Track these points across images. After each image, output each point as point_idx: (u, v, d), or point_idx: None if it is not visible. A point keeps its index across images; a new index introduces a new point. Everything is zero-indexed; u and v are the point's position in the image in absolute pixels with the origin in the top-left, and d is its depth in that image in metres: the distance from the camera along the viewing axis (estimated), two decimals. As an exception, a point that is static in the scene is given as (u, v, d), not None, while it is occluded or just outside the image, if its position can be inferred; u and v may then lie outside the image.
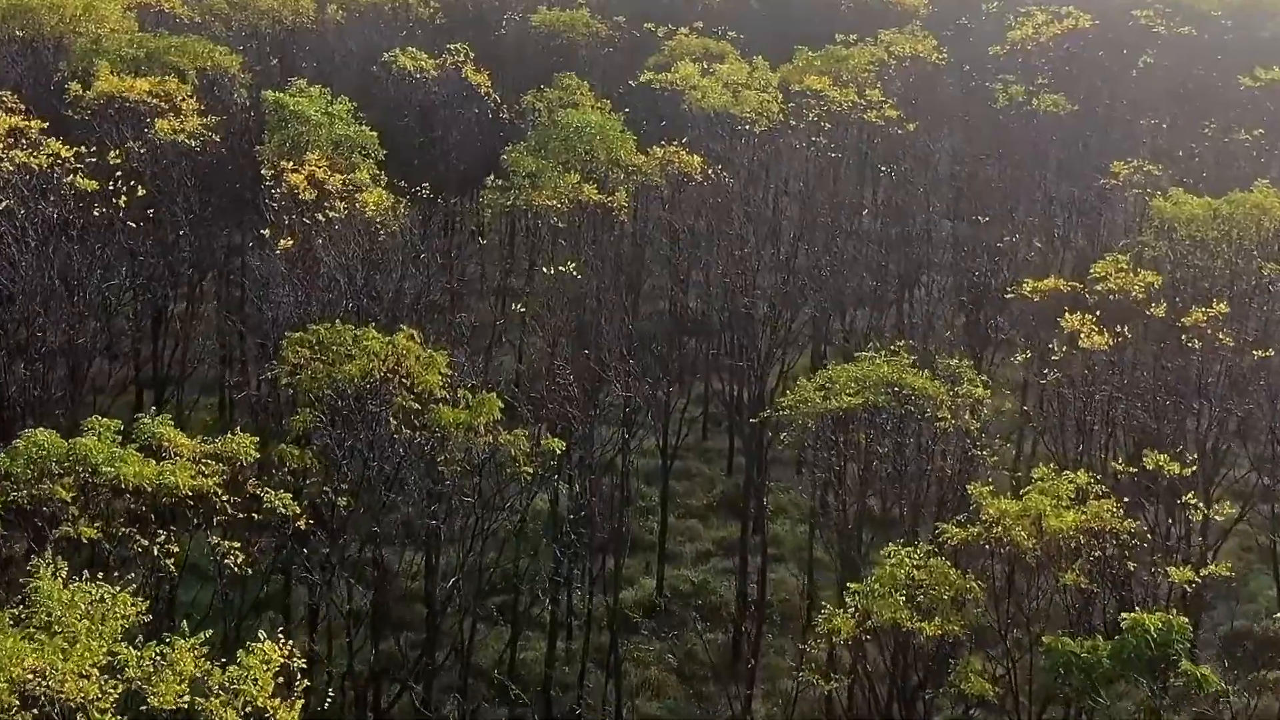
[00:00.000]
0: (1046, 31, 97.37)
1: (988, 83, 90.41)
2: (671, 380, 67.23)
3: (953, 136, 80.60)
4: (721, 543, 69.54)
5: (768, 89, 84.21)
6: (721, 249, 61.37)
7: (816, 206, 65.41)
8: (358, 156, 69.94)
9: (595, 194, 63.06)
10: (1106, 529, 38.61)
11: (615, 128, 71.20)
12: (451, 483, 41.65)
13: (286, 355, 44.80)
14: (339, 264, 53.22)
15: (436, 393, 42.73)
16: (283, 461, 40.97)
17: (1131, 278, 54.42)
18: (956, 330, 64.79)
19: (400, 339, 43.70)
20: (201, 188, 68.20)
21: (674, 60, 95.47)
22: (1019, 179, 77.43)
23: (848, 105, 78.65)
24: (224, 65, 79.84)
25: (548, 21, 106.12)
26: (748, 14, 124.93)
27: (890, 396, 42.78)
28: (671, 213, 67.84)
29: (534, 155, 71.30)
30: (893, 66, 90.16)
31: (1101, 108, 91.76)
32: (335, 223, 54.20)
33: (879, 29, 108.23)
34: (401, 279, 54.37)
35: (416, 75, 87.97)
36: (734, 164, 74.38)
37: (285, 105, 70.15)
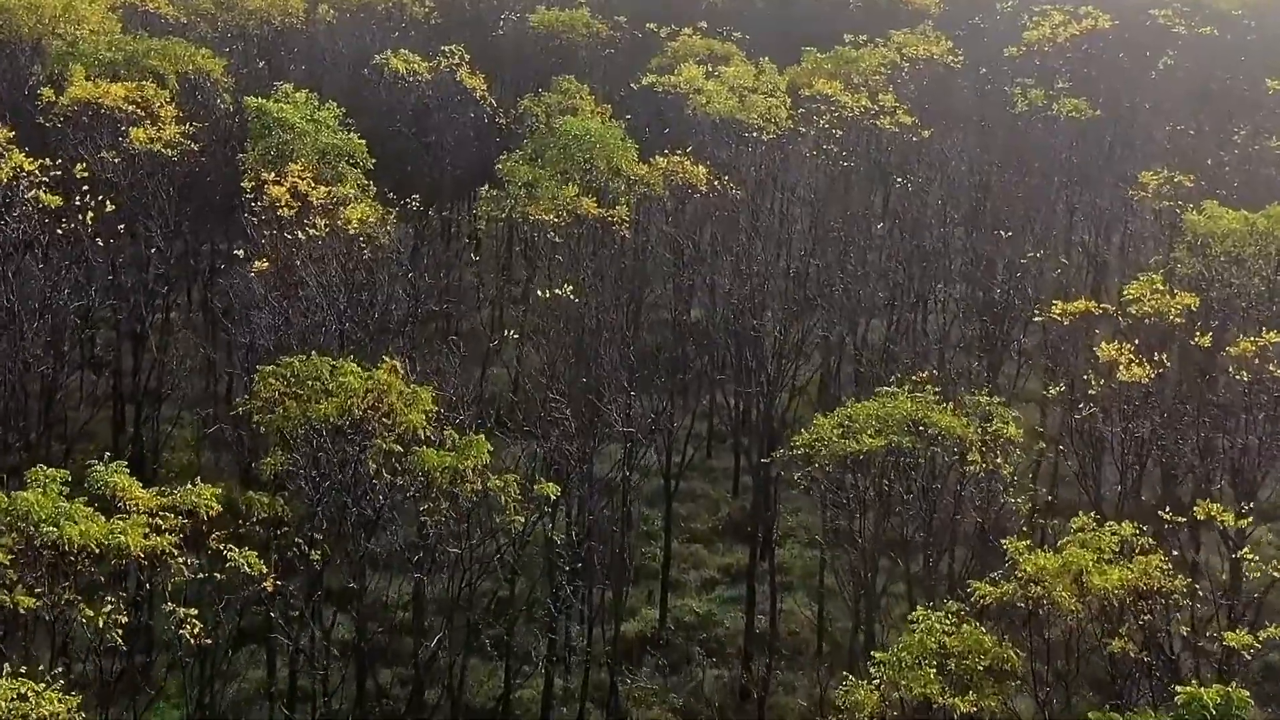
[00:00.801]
0: (1064, 32, 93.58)
1: (1005, 86, 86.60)
2: (675, 395, 64.52)
3: (968, 142, 76.82)
4: (727, 570, 66.04)
5: (775, 93, 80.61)
6: (728, 264, 57.67)
7: (827, 220, 61.62)
8: (345, 166, 66.60)
9: (594, 208, 59.47)
10: (1155, 588, 34.95)
11: (616, 136, 67.59)
12: (435, 534, 37.96)
13: (258, 390, 41.21)
14: (321, 285, 49.56)
15: (421, 433, 39.10)
16: (251, 511, 37.35)
17: (1167, 299, 50.76)
18: (973, 348, 61.02)
19: (382, 374, 40.09)
20: (180, 199, 64.67)
21: (677, 62, 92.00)
22: (1038, 187, 73.67)
23: (860, 110, 74.96)
24: (206, 69, 76.25)
25: (546, 21, 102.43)
26: (752, 13, 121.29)
27: (914, 436, 39.16)
28: (675, 226, 64.17)
29: (530, 164, 67.85)
30: (906, 69, 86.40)
31: (1122, 111, 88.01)
32: (317, 241, 50.42)
33: (889, 29, 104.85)
34: (388, 301, 50.75)
35: (409, 78, 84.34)
36: (740, 173, 70.74)
37: (268, 112, 66.60)
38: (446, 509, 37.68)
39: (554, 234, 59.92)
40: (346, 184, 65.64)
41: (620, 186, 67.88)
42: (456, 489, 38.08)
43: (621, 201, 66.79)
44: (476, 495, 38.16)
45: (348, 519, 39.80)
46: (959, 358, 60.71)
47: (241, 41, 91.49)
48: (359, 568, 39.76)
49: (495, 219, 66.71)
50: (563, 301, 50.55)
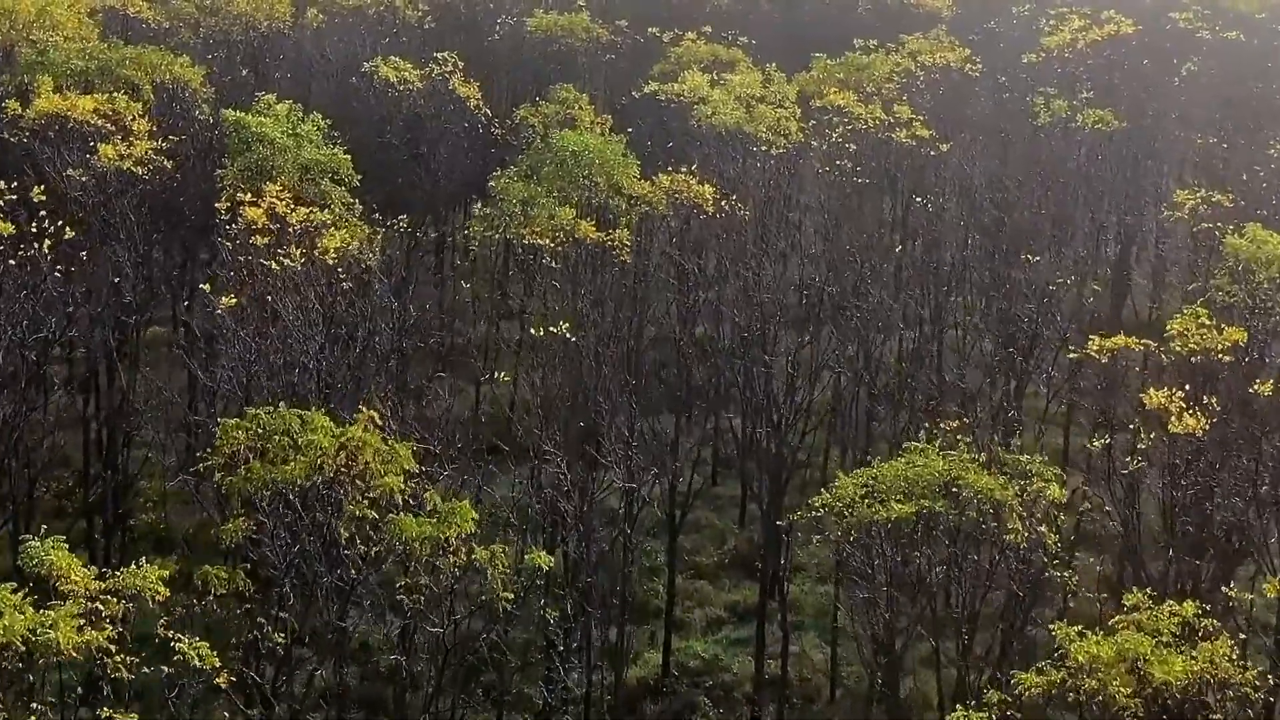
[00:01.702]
0: (1085, 37, 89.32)
1: (1025, 95, 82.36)
2: (678, 418, 60.77)
3: (987, 156, 72.64)
4: (734, 608, 62.49)
5: (784, 103, 76.49)
6: (735, 290, 53.66)
7: (841, 242, 57.41)
8: (328, 184, 62.59)
9: (593, 232, 55.46)
10: (1224, 679, 30.97)
11: (616, 152, 63.52)
12: (414, 609, 33.94)
13: (221, 445, 37.20)
14: (296, 320, 45.57)
15: (399, 497, 35.11)
16: (207, 588, 33.36)
17: (1214, 335, 46.69)
18: (997, 381, 56.90)
19: (356, 430, 36.06)
20: (152, 219, 60.68)
21: (681, 68, 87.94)
22: (1063, 203, 69.54)
23: (874, 123, 70.84)
24: (184, 78, 72.15)
25: (544, 26, 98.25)
26: (759, 16, 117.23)
27: (947, 501, 35.12)
28: (679, 248, 60.15)
29: (525, 181, 63.82)
30: (921, 78, 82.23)
31: (1147, 121, 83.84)
32: (293, 272, 46.40)
33: (900, 33, 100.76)
34: (370, 335, 46.73)
35: (400, 87, 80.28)
36: (748, 190, 66.71)
37: (247, 126, 62.58)
38: (426, 585, 33.65)
39: (550, 259, 55.87)
40: (331, 201, 62.24)
41: (621, 205, 63.93)
42: (438, 561, 34.05)
43: (622, 222, 62.87)
44: (460, 568, 34.11)
45: (319, 589, 35.81)
46: (982, 391, 56.59)
47: (225, 48, 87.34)
48: (334, 643, 35.73)
49: (488, 240, 62.72)
50: (559, 337, 46.55)
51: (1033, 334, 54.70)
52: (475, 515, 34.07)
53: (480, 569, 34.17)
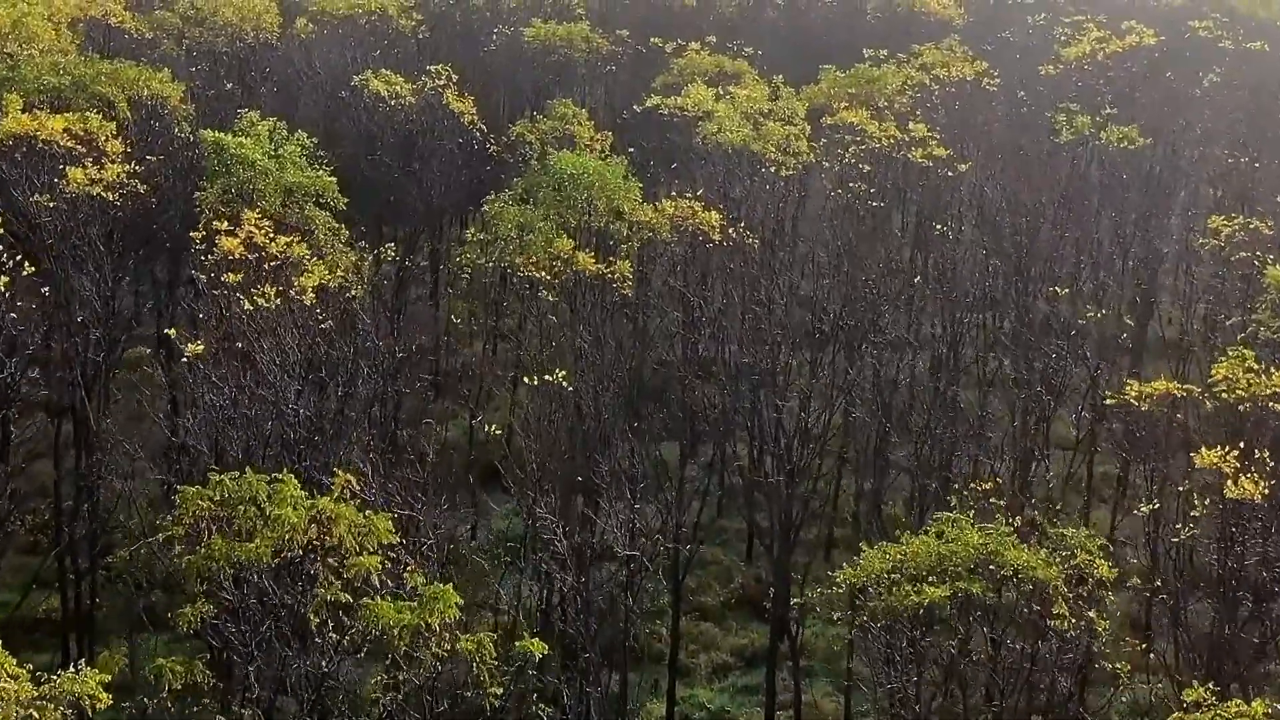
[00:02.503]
0: (1107, 48, 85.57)
1: (1044, 111, 78.65)
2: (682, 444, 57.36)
3: (1006, 176, 68.94)
4: (741, 652, 59.44)
5: (793, 119, 72.88)
6: (745, 328, 50.11)
7: (855, 275, 53.70)
8: (312, 208, 59.14)
9: (592, 264, 51.91)
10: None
11: (617, 175, 59.94)
12: (392, 708, 30.34)
13: (181, 515, 33.67)
14: (271, 365, 42.02)
15: (375, 578, 31.56)
16: (161, 682, 29.81)
17: (1263, 380, 43.07)
18: (1028, 424, 53.28)
19: (327, 502, 32.49)
20: (125, 247, 57.19)
21: (684, 81, 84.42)
22: (1085, 225, 65.85)
23: (888, 141, 67.19)
24: (163, 94, 68.55)
25: (542, 36, 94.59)
26: (765, 25, 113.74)
27: (985, 581, 31.55)
28: (684, 278, 56.59)
29: (520, 205, 60.30)
30: (935, 92, 78.57)
31: (1167, 135, 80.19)
32: (267, 313, 42.84)
33: (910, 42, 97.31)
34: (352, 378, 43.16)
35: (391, 101, 76.73)
36: (756, 212, 63.19)
37: (226, 148, 59.05)
38: (405, 680, 30.07)
39: (546, 292, 52.32)
40: (315, 226, 58.87)
41: (622, 230, 60.40)
42: (418, 652, 30.48)
43: (623, 250, 59.35)
44: (443, 658, 30.54)
45: (288, 676, 32.26)
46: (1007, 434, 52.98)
47: (209, 61, 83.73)
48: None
49: (480, 268, 59.21)
50: (555, 390, 43.01)
51: (1060, 371, 51.05)
52: (459, 600, 30.44)
53: (466, 657, 30.53)
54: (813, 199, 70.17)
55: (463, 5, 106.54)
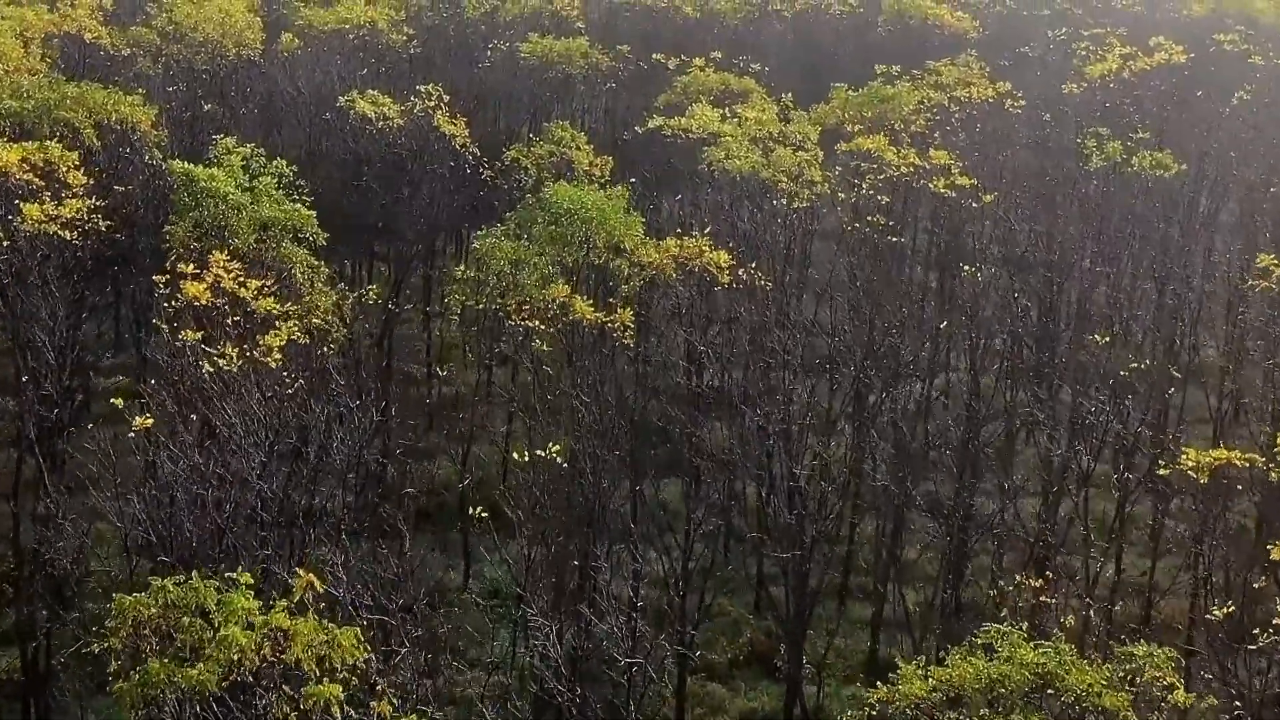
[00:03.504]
0: (1133, 66, 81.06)
1: (1070, 134, 74.13)
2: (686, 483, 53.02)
3: (1030, 204, 64.48)
4: (752, 716, 54.81)
5: (805, 144, 68.47)
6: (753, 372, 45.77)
7: (877, 323, 49.21)
8: (289, 245, 54.87)
9: (590, 312, 47.54)
10: None
11: (617, 209, 55.58)
12: None
13: (116, 625, 29.28)
14: (234, 435, 37.66)
15: (336, 709, 27.17)
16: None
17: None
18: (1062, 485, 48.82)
19: (280, 617, 28.07)
20: (83, 292, 52.95)
21: (688, 99, 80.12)
22: (1117, 259, 61.40)
23: (908, 170, 62.77)
24: (133, 119, 64.17)
25: (539, 52, 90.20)
26: (771, 37, 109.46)
27: (1045, 713, 27.17)
28: (689, 321, 52.23)
29: (514, 240, 55.97)
30: (956, 114, 74.12)
31: (1193, 155, 75.66)
32: (230, 378, 38.47)
33: (923, 57, 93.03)
34: (323, 450, 38.81)
35: (378, 123, 72.37)
36: (766, 244, 58.82)
37: (196, 180, 54.75)
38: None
39: (541, 341, 47.96)
40: (292, 264, 54.62)
41: (623, 268, 56.05)
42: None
43: (624, 290, 55.04)
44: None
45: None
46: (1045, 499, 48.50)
47: (187, 80, 79.33)
48: None
49: (469, 307, 54.95)
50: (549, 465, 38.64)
51: (1099, 422, 46.62)
52: None
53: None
54: (827, 230, 65.69)
55: (456, 19, 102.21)
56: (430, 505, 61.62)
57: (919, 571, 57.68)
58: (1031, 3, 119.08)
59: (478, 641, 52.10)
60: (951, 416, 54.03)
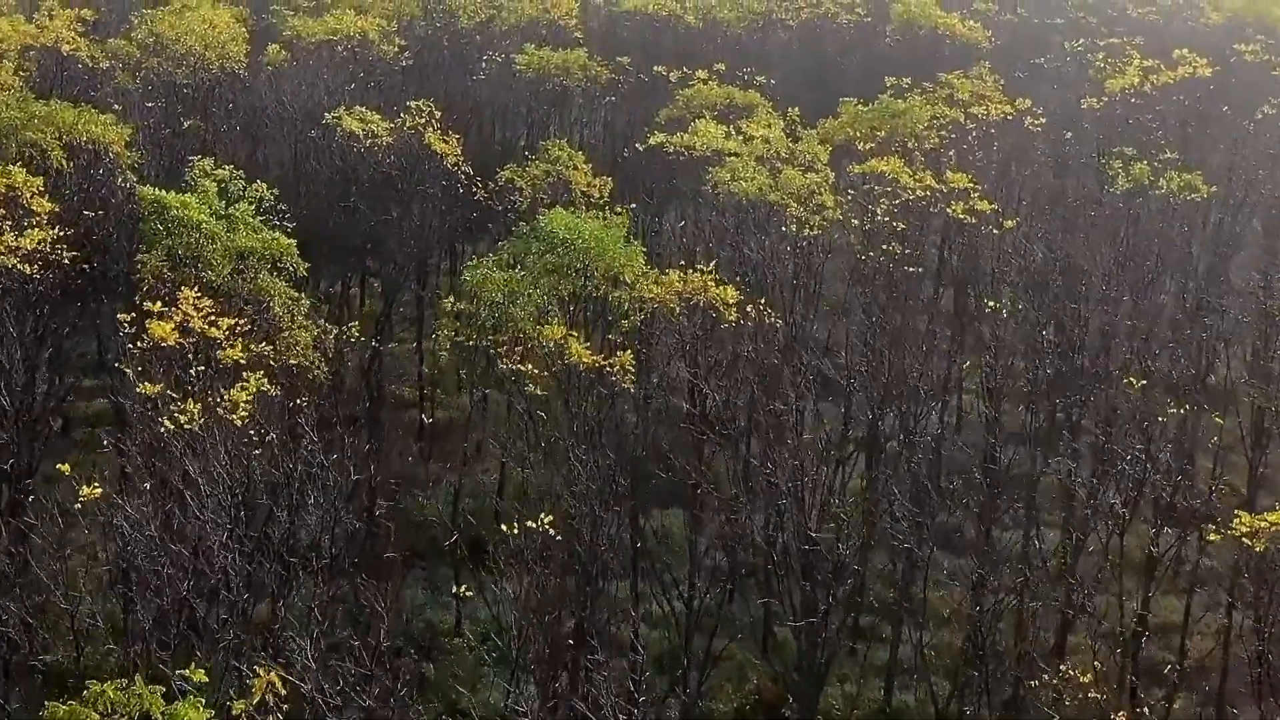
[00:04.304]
0: (1155, 79, 77.44)
1: (1091, 152, 70.55)
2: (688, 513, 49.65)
3: (1052, 227, 60.89)
4: (761, 774, 51.58)
5: (815, 164, 64.91)
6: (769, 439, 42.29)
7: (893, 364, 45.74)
8: (266, 277, 51.46)
9: (587, 355, 44.06)
10: None
11: (616, 238, 52.10)
12: None
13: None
14: (194, 499, 34.18)
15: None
16: None
17: None
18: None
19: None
20: (45, 330, 49.47)
21: (690, 114, 76.63)
22: (1149, 291, 57.81)
23: (924, 193, 59.22)
24: (105, 140, 60.65)
25: (536, 64, 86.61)
26: (776, 47, 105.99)
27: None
28: (693, 359, 48.72)
29: (507, 271, 52.50)
30: (973, 132, 70.54)
31: (1226, 176, 72.13)
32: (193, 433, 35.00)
33: (934, 68, 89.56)
34: (295, 514, 35.33)
35: (366, 141, 68.90)
36: (774, 273, 55.33)
37: (168, 207, 51.34)
38: None
39: (534, 385, 44.53)
40: (270, 297, 51.24)
41: (623, 301, 52.57)
42: None
43: (624, 325, 51.56)
44: None
45: None
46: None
47: (166, 96, 75.78)
48: None
49: (458, 344, 51.53)
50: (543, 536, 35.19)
51: (1138, 481, 43.16)
52: None
53: None
54: (838, 256, 62.11)
55: (450, 29, 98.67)
56: (420, 542, 58.45)
57: (935, 611, 54.34)
58: (1043, 11, 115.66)
59: (470, 688, 48.99)
60: (969, 444, 50.91)
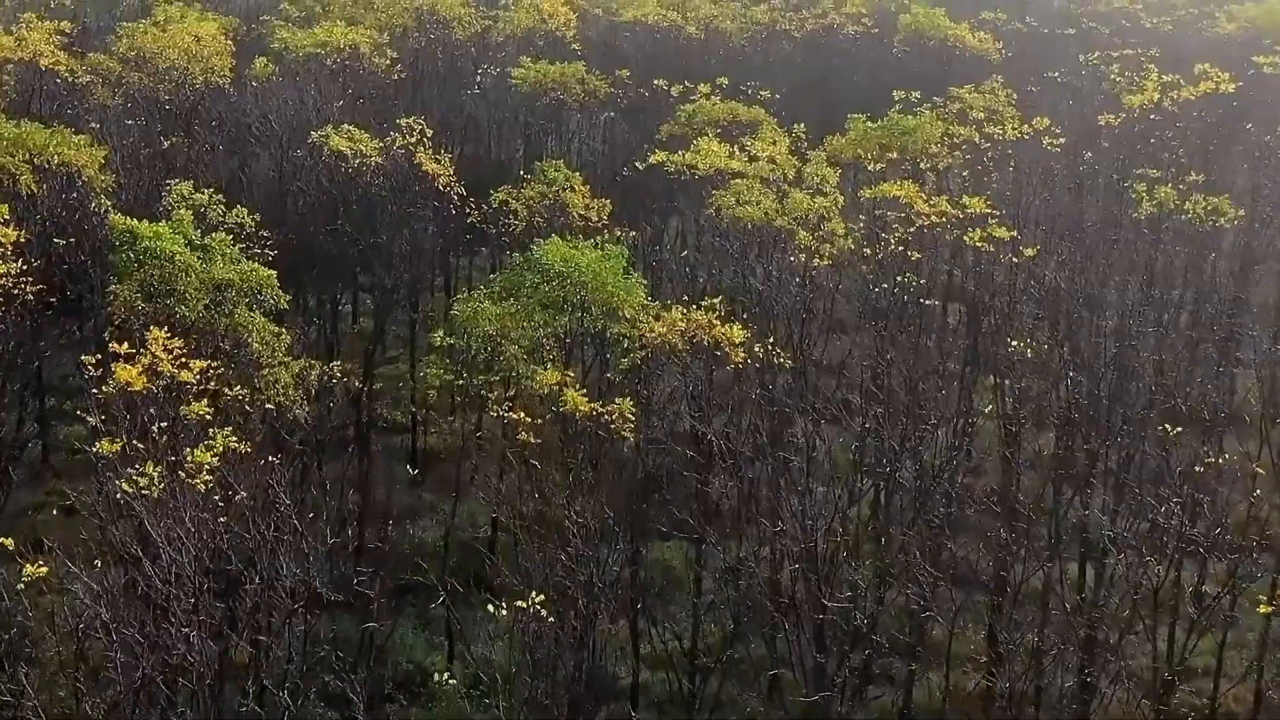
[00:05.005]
0: (1176, 95, 74.38)
1: (1112, 173, 67.51)
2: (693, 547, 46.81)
3: (1074, 256, 57.82)
4: (767, 832, 48.61)
5: (824, 186, 61.89)
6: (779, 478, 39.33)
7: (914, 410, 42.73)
8: (243, 312, 48.45)
9: (585, 403, 41.06)
10: None
11: (616, 270, 49.10)
12: None
13: None
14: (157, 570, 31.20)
15: None
16: None
17: None
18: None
19: None
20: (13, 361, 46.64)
21: (692, 130, 73.66)
22: (1173, 322, 54.86)
23: (939, 219, 56.21)
24: (77, 163, 57.64)
25: (532, 77, 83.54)
26: (781, 59, 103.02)
27: None
28: (697, 404, 45.73)
29: (499, 305, 49.49)
30: (989, 153, 67.52)
31: (1251, 198, 69.17)
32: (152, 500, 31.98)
33: (944, 82, 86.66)
34: (266, 588, 32.35)
35: (354, 161, 65.91)
36: (783, 311, 52.37)
37: (140, 238, 48.32)
38: None
39: (527, 434, 41.52)
40: (248, 333, 48.27)
41: (622, 333, 49.58)
42: None
43: (622, 362, 48.57)
44: None
45: None
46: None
47: (147, 112, 72.77)
48: None
49: (446, 383, 48.64)
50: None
51: (1182, 547, 40.15)
52: None
53: None
54: (849, 283, 59.12)
55: (445, 41, 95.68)
56: (411, 577, 55.75)
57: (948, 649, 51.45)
58: (1053, 21, 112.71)
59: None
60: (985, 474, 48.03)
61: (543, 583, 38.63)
